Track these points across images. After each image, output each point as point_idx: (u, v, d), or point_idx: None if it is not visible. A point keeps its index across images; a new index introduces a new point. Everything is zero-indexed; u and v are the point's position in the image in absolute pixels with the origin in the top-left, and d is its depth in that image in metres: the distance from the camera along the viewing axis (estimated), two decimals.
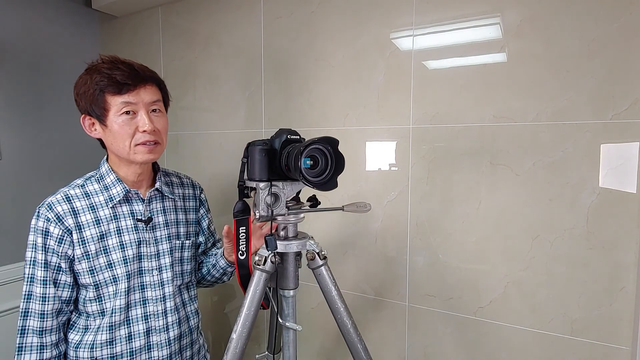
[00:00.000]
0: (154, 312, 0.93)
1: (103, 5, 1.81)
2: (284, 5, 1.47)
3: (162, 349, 0.94)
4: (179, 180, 1.06)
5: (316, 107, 1.44)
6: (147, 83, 0.87)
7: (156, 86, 0.91)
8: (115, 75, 0.83)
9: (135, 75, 0.85)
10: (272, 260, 0.82)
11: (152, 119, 0.88)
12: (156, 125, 0.88)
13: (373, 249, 1.37)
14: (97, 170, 0.94)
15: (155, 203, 0.96)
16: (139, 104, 0.86)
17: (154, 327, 0.93)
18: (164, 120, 0.92)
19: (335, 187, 0.77)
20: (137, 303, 0.92)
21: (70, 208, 0.88)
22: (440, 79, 1.22)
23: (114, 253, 0.89)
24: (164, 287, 0.95)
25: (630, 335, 1.04)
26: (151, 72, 0.90)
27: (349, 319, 0.87)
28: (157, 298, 0.93)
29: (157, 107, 0.90)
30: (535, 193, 1.12)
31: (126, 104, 0.85)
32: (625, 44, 1.00)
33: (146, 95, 0.87)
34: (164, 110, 0.94)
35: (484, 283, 1.20)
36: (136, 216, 0.92)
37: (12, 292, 1.63)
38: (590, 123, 1.04)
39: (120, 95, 0.84)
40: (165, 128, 0.92)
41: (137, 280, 0.92)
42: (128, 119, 0.86)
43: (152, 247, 0.93)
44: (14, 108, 1.64)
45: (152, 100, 0.88)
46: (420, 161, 1.27)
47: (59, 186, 0.97)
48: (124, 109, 0.85)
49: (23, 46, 1.67)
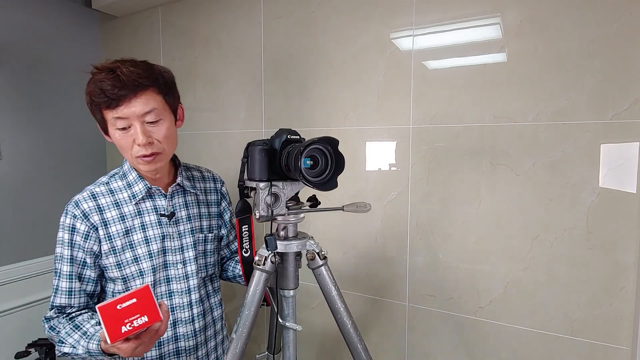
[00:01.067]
0: (179, 304, 0.95)
1: (103, 5, 1.81)
2: (284, 5, 1.47)
3: (188, 339, 0.96)
4: (200, 174, 1.07)
5: (316, 107, 1.44)
6: (137, 92, 0.80)
7: (153, 90, 0.83)
8: (104, 88, 0.79)
9: (123, 86, 0.79)
10: (272, 260, 0.82)
11: (147, 131, 0.83)
12: (154, 137, 0.84)
13: (373, 249, 1.37)
14: (121, 167, 0.96)
15: (178, 198, 0.97)
16: (131, 118, 0.81)
17: (180, 319, 0.95)
18: (164, 128, 0.85)
19: (335, 187, 0.77)
20: (163, 295, 0.94)
21: (95, 205, 0.90)
22: (440, 79, 1.22)
23: (139, 248, 0.91)
24: (189, 280, 0.96)
25: (630, 335, 1.04)
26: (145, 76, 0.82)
27: (349, 319, 0.87)
28: (182, 290, 0.95)
29: (153, 116, 0.83)
30: (535, 193, 1.12)
31: (118, 119, 0.81)
32: (625, 44, 1.00)
33: (138, 107, 0.81)
34: (165, 117, 0.86)
35: (484, 283, 1.20)
36: (159, 211, 0.94)
37: (13, 292, 1.63)
38: (590, 123, 1.04)
39: (110, 109, 0.81)
40: (167, 135, 0.86)
41: (163, 273, 0.94)
42: (123, 133, 0.83)
43: (176, 241, 0.95)
44: (14, 108, 1.64)
45: (144, 111, 0.82)
46: (420, 161, 1.27)
47: (59, 186, 0.97)
48: (117, 124, 0.82)
49: (23, 46, 1.67)
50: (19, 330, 1.65)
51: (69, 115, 1.85)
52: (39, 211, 1.74)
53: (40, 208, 1.74)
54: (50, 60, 1.77)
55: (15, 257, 1.65)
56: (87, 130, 1.94)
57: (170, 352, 0.94)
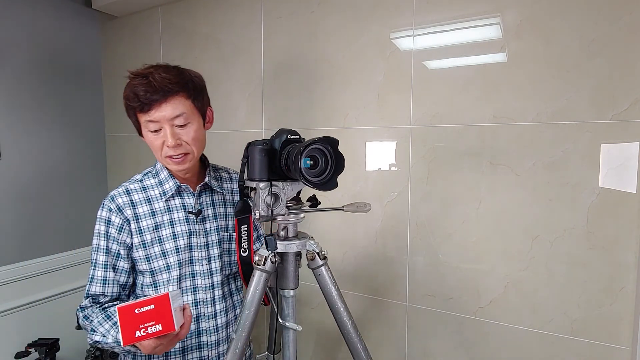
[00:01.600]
0: (203, 299, 0.98)
1: (103, 5, 1.81)
2: (284, 5, 1.47)
3: (211, 334, 0.99)
4: (228, 175, 1.10)
5: (316, 107, 1.44)
6: (167, 97, 0.86)
7: (182, 95, 0.88)
8: (138, 93, 0.85)
9: (155, 91, 0.85)
10: (272, 260, 0.82)
11: (176, 134, 0.88)
12: (183, 139, 0.89)
13: (373, 249, 1.37)
14: (153, 166, 1.01)
15: (205, 197, 1.01)
16: (162, 121, 0.87)
17: (203, 314, 0.98)
18: (192, 131, 0.90)
19: (335, 187, 0.77)
20: (188, 290, 0.97)
21: (129, 200, 0.95)
22: (440, 79, 1.22)
23: (167, 242, 0.95)
24: (213, 277, 0.99)
25: (630, 335, 1.04)
26: (175, 82, 0.87)
27: (349, 319, 0.87)
28: (206, 286, 0.98)
29: (182, 120, 0.88)
30: (535, 193, 1.12)
31: (150, 122, 0.88)
32: (625, 44, 1.00)
33: (167, 111, 0.86)
34: (194, 120, 0.91)
35: (484, 283, 1.20)
36: (187, 209, 0.98)
37: (13, 292, 1.63)
38: (590, 123, 1.04)
39: (143, 113, 0.87)
40: (195, 137, 0.91)
41: (188, 268, 0.97)
42: (155, 135, 0.89)
43: (202, 238, 0.98)
44: (15, 108, 1.64)
45: (173, 115, 0.87)
46: (420, 161, 1.27)
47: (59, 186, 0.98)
48: (149, 127, 0.88)
49: (23, 46, 1.67)
50: (19, 330, 1.65)
51: (69, 115, 1.85)
52: (39, 211, 1.74)
53: (40, 208, 1.74)
54: (51, 60, 1.77)
55: (15, 257, 1.65)
56: (87, 130, 1.94)
57: (193, 346, 0.98)
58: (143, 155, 1.87)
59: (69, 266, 1.84)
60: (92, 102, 1.96)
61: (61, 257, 1.81)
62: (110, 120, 2.00)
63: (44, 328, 1.72)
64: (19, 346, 1.61)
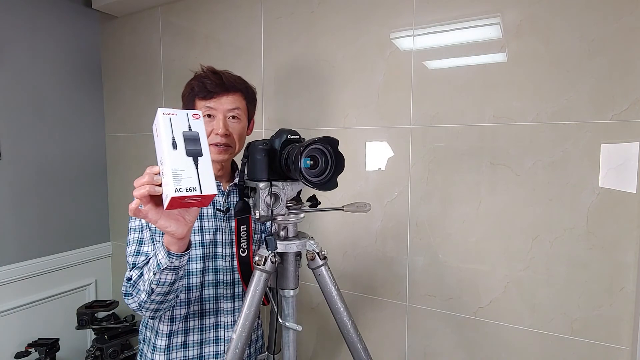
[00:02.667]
0: (223, 294, 1.01)
1: (103, 5, 1.81)
2: (284, 5, 1.47)
3: (228, 329, 1.02)
4: None
5: (316, 107, 1.44)
6: (230, 92, 0.97)
7: (240, 95, 1.00)
8: (205, 83, 0.95)
9: (221, 85, 0.96)
10: (272, 260, 0.82)
11: (227, 124, 0.96)
12: (230, 130, 0.97)
13: (373, 249, 1.37)
14: None
15: (233, 196, 1.05)
16: (218, 110, 0.96)
17: (222, 309, 1.01)
18: (240, 127, 1.00)
19: (335, 187, 0.77)
20: (210, 284, 1.00)
21: None
22: (440, 79, 1.22)
23: (195, 235, 0.98)
24: (234, 273, 1.02)
25: (630, 335, 1.04)
26: (239, 83, 1.00)
27: (349, 319, 0.87)
28: (227, 282, 1.02)
29: (236, 114, 0.98)
30: (535, 193, 1.12)
31: (208, 109, 0.96)
32: (625, 44, 1.00)
33: (227, 103, 0.97)
34: (244, 118, 1.01)
35: (484, 283, 1.20)
36: (216, 206, 1.02)
37: (13, 292, 1.63)
38: (590, 123, 1.04)
39: (205, 100, 0.96)
40: (241, 133, 1.00)
41: (212, 263, 1.00)
42: (207, 121, 0.96)
43: (227, 235, 1.02)
44: (14, 108, 1.64)
45: (231, 107, 0.97)
46: (420, 161, 1.27)
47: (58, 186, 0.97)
48: (205, 113, 0.96)
49: (23, 46, 1.67)
50: (19, 330, 1.65)
51: (69, 115, 1.85)
52: (39, 211, 1.74)
53: (40, 208, 1.74)
54: (51, 60, 1.77)
55: (15, 257, 1.65)
56: (87, 130, 1.94)
57: (211, 339, 1.01)
58: (143, 155, 1.87)
59: (69, 266, 1.85)
60: (92, 102, 1.96)
61: (61, 257, 1.81)
62: (110, 120, 2.00)
63: (44, 328, 1.72)
64: (19, 346, 1.61)
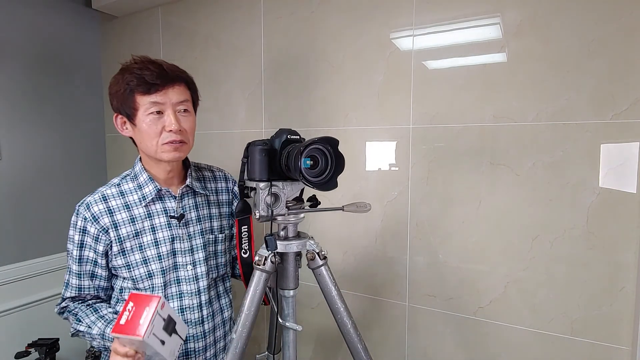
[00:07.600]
0: (189, 305, 0.95)
1: (103, 5, 1.81)
2: (284, 5, 1.47)
3: (197, 341, 0.96)
4: (212, 174, 1.07)
5: (316, 107, 1.44)
6: (175, 83, 0.88)
7: (185, 86, 0.91)
8: (144, 75, 0.85)
9: (164, 75, 0.86)
10: (272, 260, 0.82)
11: (179, 119, 0.89)
12: (183, 125, 0.89)
13: (373, 249, 1.37)
14: (132, 169, 0.97)
15: (187, 199, 0.98)
16: (167, 104, 0.87)
17: (190, 320, 0.95)
18: (191, 120, 0.92)
19: (335, 187, 0.77)
20: (174, 296, 0.94)
21: (106, 207, 0.91)
22: (440, 79, 1.22)
23: (149, 250, 0.92)
24: (199, 281, 0.97)
25: (630, 335, 1.04)
26: (181, 72, 0.91)
27: (349, 319, 0.87)
28: (192, 292, 0.96)
29: (185, 107, 0.90)
30: (535, 193, 1.12)
31: (154, 104, 0.86)
32: (625, 44, 1.00)
33: (174, 95, 0.88)
34: (192, 110, 0.94)
35: (484, 283, 1.20)
36: (169, 213, 0.94)
37: (13, 292, 1.63)
38: (590, 123, 1.04)
39: (148, 95, 0.86)
40: (192, 128, 0.93)
41: (173, 275, 0.94)
42: (155, 118, 0.87)
43: (186, 242, 0.96)
44: (14, 108, 1.64)
45: (179, 100, 0.89)
46: (420, 161, 1.27)
47: (59, 186, 0.97)
48: (151, 109, 0.86)
49: (23, 46, 1.67)
50: (19, 330, 1.65)
51: (69, 115, 1.85)
52: (39, 211, 1.74)
53: (40, 208, 1.74)
54: (51, 60, 1.77)
55: (15, 257, 1.65)
56: (87, 130, 1.94)
57: (180, 353, 0.94)
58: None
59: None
60: (92, 102, 1.96)
61: (61, 257, 1.81)
62: (110, 120, 1.99)
63: (44, 328, 1.72)
64: (19, 346, 1.61)
